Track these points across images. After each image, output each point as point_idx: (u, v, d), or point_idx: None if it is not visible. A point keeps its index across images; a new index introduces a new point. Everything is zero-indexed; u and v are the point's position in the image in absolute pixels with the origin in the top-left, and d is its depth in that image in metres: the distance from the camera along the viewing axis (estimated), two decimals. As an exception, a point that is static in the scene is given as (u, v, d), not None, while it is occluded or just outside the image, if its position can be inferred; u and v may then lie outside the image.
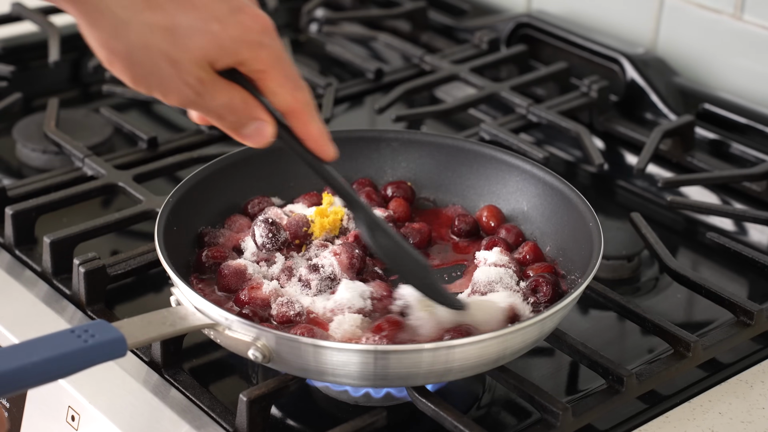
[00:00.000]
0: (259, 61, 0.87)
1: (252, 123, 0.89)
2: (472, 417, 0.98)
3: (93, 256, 1.08)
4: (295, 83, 0.89)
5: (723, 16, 1.45)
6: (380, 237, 0.96)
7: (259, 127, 0.89)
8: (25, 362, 0.81)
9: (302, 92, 0.90)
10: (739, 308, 1.08)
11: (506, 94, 1.44)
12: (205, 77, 0.85)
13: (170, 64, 0.83)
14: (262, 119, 0.89)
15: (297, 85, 0.89)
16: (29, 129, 1.39)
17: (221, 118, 0.88)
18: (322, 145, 0.92)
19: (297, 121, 0.91)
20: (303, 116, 0.90)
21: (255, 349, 0.90)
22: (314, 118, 0.91)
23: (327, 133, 0.92)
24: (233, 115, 0.88)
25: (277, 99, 0.89)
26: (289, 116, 0.90)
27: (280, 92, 0.89)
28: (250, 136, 0.90)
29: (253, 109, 0.89)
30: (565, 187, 1.08)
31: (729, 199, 1.32)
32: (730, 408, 1.01)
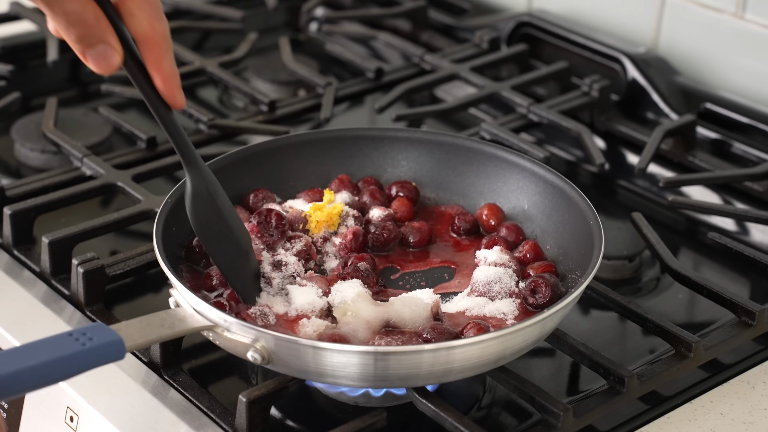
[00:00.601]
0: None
1: (99, 45, 0.86)
2: (472, 418, 0.98)
3: (92, 257, 1.08)
4: (155, 10, 0.87)
5: (724, 15, 1.45)
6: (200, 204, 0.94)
7: (105, 51, 0.86)
8: (24, 366, 0.81)
9: (161, 23, 0.88)
10: (741, 308, 1.08)
11: (507, 93, 1.44)
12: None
13: None
14: (111, 44, 0.86)
15: (157, 14, 0.87)
16: (28, 128, 1.39)
17: (69, 28, 0.85)
18: (171, 87, 0.89)
19: (150, 52, 0.88)
20: (157, 48, 0.88)
21: (254, 351, 0.90)
22: (169, 55, 0.88)
23: (178, 77, 0.89)
24: (82, 28, 0.85)
25: (134, 22, 0.87)
26: (143, 45, 0.88)
27: (138, 15, 0.87)
28: (95, 59, 0.86)
29: (104, 31, 0.86)
30: (566, 185, 1.08)
31: (731, 199, 1.32)
32: (732, 409, 1.01)
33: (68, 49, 1.54)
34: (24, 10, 1.59)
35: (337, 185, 1.15)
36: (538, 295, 1.00)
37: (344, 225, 1.10)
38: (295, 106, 1.44)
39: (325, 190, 1.13)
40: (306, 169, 1.16)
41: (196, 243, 1.04)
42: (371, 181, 1.16)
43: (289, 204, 1.12)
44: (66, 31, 0.86)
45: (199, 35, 1.69)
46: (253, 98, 1.44)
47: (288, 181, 1.15)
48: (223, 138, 1.37)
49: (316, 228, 1.08)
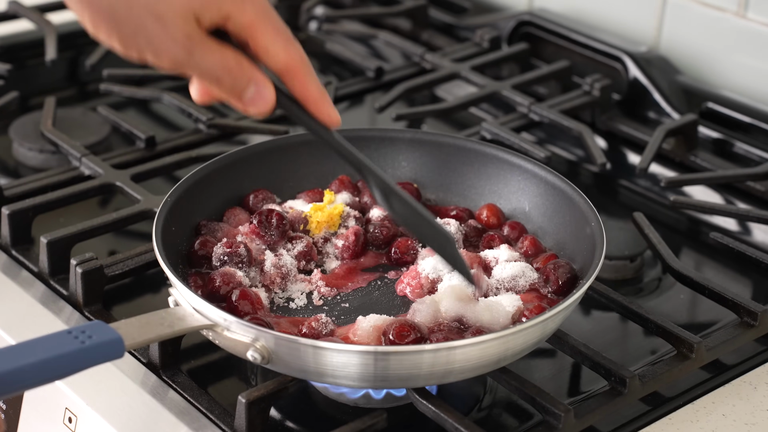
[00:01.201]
0: (244, 13, 0.85)
1: (250, 86, 0.86)
2: (473, 419, 0.98)
3: (90, 257, 1.08)
4: (286, 37, 0.87)
5: (726, 14, 1.45)
6: (395, 203, 0.93)
7: (259, 90, 0.87)
8: (22, 363, 0.81)
9: (296, 47, 0.87)
10: (743, 309, 1.08)
11: (508, 92, 1.44)
12: (193, 33, 0.83)
13: (155, 20, 0.82)
14: (260, 80, 0.87)
15: (289, 40, 0.87)
16: (26, 128, 1.39)
17: (218, 82, 0.86)
18: (323, 108, 0.90)
19: (294, 80, 0.88)
20: (300, 74, 0.88)
21: (254, 350, 0.90)
22: (313, 77, 0.88)
23: (327, 95, 0.90)
24: (229, 76, 0.85)
25: (270, 56, 0.87)
26: (286, 75, 0.88)
27: (272, 48, 0.86)
28: (252, 102, 0.87)
29: (249, 70, 0.86)
30: (567, 186, 1.08)
31: (732, 199, 1.32)
32: (734, 410, 1.01)
33: (67, 48, 1.56)
34: (22, 9, 1.59)
35: (338, 186, 1.15)
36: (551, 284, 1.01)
37: (345, 225, 1.10)
38: (295, 106, 1.44)
39: (326, 190, 1.13)
40: (305, 169, 1.16)
41: (198, 247, 1.04)
42: None
43: (289, 204, 1.12)
44: (217, 86, 0.86)
45: (198, 34, 1.69)
46: (253, 98, 1.44)
47: (287, 181, 1.15)
48: (223, 137, 1.38)
49: (316, 229, 1.09)
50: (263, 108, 0.88)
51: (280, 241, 1.06)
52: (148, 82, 1.50)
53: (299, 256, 1.05)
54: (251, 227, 1.06)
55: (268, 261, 1.04)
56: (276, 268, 1.03)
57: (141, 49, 0.83)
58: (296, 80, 0.88)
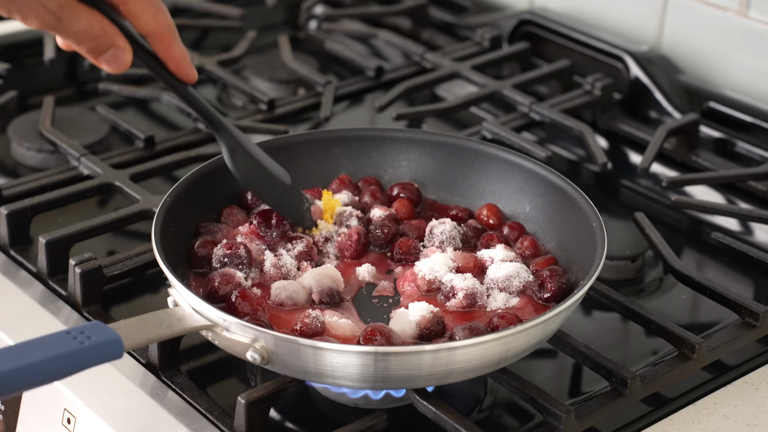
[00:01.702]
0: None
1: (110, 49, 0.93)
2: (473, 420, 0.99)
3: (89, 257, 1.08)
4: (156, 7, 0.95)
5: (728, 13, 1.46)
6: (240, 159, 1.03)
7: (116, 53, 0.94)
8: (21, 364, 0.81)
9: (164, 15, 0.95)
10: (745, 309, 1.08)
11: (508, 92, 1.44)
12: (65, 2, 0.89)
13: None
14: (120, 46, 0.94)
15: (158, 9, 0.95)
16: (24, 127, 1.39)
17: (80, 43, 0.92)
18: (184, 67, 0.98)
19: (160, 43, 0.96)
20: (165, 39, 0.96)
21: (253, 351, 0.90)
22: (177, 41, 0.97)
23: (188, 56, 0.98)
24: (92, 41, 0.92)
25: (140, 23, 0.95)
26: (152, 39, 0.96)
27: (142, 16, 0.94)
28: (108, 62, 0.94)
29: (111, 36, 0.93)
30: (568, 186, 1.08)
31: (734, 199, 1.32)
32: (736, 410, 1.01)
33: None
34: (20, 8, 1.59)
35: (338, 185, 1.15)
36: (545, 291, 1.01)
37: (347, 225, 1.10)
38: (295, 105, 1.45)
39: (324, 190, 1.13)
40: (305, 169, 1.16)
41: (198, 247, 1.04)
42: (372, 181, 1.16)
43: None
44: (77, 46, 0.93)
45: (197, 33, 1.69)
46: (252, 97, 1.44)
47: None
48: (222, 137, 1.37)
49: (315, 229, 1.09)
50: (118, 69, 0.95)
51: (280, 242, 1.06)
52: (147, 82, 1.50)
53: (299, 256, 1.05)
54: (251, 228, 1.06)
55: (267, 261, 1.04)
56: (276, 269, 1.03)
57: (10, 9, 0.89)
58: (162, 44, 0.96)
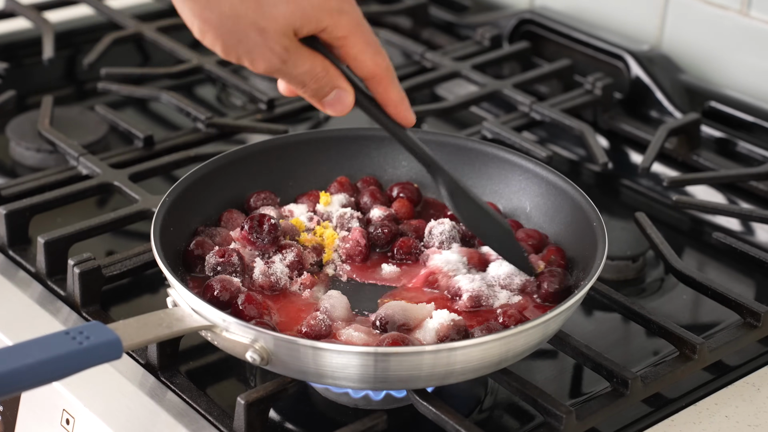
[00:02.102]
0: (339, 27, 0.92)
1: (333, 92, 0.95)
2: (473, 420, 0.99)
3: (88, 257, 1.08)
4: (375, 49, 0.94)
5: (729, 12, 1.46)
6: (461, 201, 1.01)
7: (339, 95, 0.95)
8: (19, 364, 0.81)
9: (382, 57, 0.95)
10: (746, 310, 1.08)
11: (509, 91, 1.44)
12: (290, 45, 0.91)
13: (258, 33, 0.89)
14: (343, 87, 0.95)
15: (377, 51, 0.95)
16: (23, 127, 1.39)
17: (304, 86, 0.94)
18: (402, 111, 0.98)
19: (378, 86, 0.96)
20: (384, 81, 0.96)
21: (253, 351, 0.90)
22: (395, 84, 0.97)
23: (406, 99, 0.98)
24: (315, 82, 0.93)
25: (358, 65, 0.94)
26: (370, 82, 0.96)
27: (361, 58, 0.94)
28: (331, 104, 0.95)
29: (334, 78, 0.94)
30: (569, 186, 1.08)
31: (735, 199, 1.32)
32: (737, 411, 1.01)
33: (64, 46, 1.56)
34: (19, 8, 1.59)
35: (336, 187, 1.14)
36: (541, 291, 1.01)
37: (347, 228, 1.09)
38: (294, 105, 1.44)
39: (321, 192, 1.13)
40: (305, 169, 1.16)
41: (193, 247, 1.04)
42: (370, 181, 1.16)
43: (289, 208, 1.12)
44: (302, 89, 0.94)
45: (196, 33, 1.69)
46: (252, 96, 1.44)
47: (287, 181, 1.15)
48: (221, 137, 1.38)
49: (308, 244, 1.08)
50: (340, 111, 0.96)
51: (271, 248, 1.06)
52: (146, 81, 1.50)
53: (291, 266, 1.04)
54: (242, 233, 1.05)
55: (257, 269, 1.03)
56: (265, 276, 1.02)
57: (240, 55, 0.91)
58: (380, 86, 0.96)
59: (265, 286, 1.01)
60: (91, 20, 1.64)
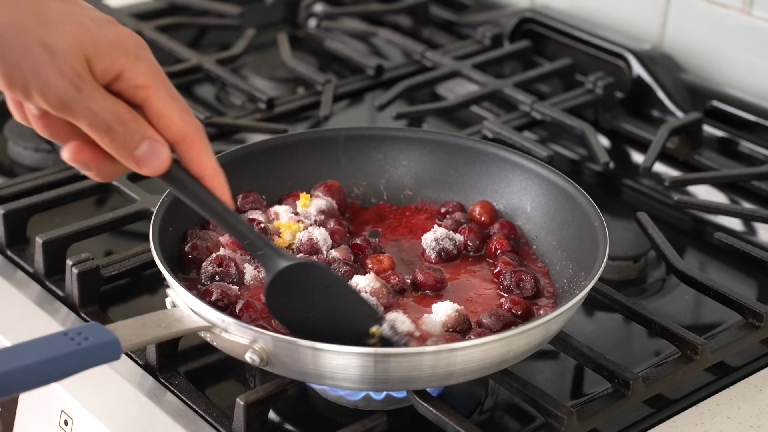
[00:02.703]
0: (139, 74, 0.81)
1: (144, 143, 0.82)
2: (474, 421, 0.98)
3: (86, 257, 1.08)
4: (182, 105, 0.83)
5: (731, 11, 1.46)
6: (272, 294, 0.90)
7: (154, 148, 0.82)
8: (17, 365, 0.81)
9: (191, 116, 0.83)
10: (748, 310, 1.08)
11: (509, 90, 1.44)
12: (83, 73, 0.79)
13: (44, 49, 0.78)
14: (155, 139, 0.82)
15: (184, 108, 0.83)
16: (21, 127, 1.39)
17: (109, 131, 0.80)
18: (220, 185, 0.86)
19: (190, 150, 0.84)
20: (197, 144, 0.84)
21: (252, 352, 0.90)
22: (209, 149, 0.84)
23: (222, 172, 0.86)
24: (122, 126, 0.80)
25: (164, 123, 0.82)
26: (181, 144, 0.83)
27: (166, 113, 0.82)
28: (145, 159, 0.82)
29: (143, 125, 0.82)
30: (570, 186, 1.08)
31: (737, 199, 1.32)
32: (739, 412, 1.01)
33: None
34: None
35: (324, 190, 1.13)
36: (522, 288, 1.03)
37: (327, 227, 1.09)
38: (294, 104, 1.45)
39: (302, 193, 1.12)
40: (304, 168, 1.16)
41: (189, 249, 1.03)
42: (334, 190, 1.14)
43: (274, 210, 1.11)
44: (107, 137, 0.81)
45: (195, 31, 1.69)
46: (251, 96, 1.44)
47: (286, 180, 1.15)
48: (221, 136, 1.38)
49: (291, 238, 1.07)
50: (158, 167, 0.83)
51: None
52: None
53: None
54: (231, 238, 1.04)
55: (248, 274, 1.02)
56: (257, 281, 1.02)
57: (26, 80, 0.78)
58: (192, 151, 0.84)
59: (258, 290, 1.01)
60: (90, 19, 1.64)
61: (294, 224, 1.07)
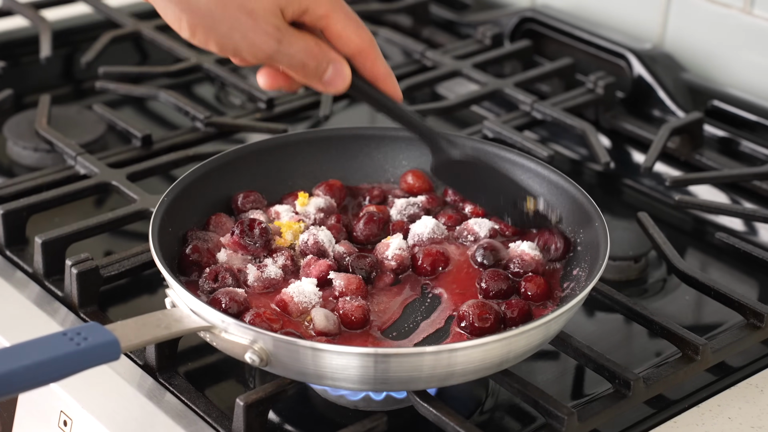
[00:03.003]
0: (320, 5, 0.94)
1: (330, 66, 0.96)
2: (474, 422, 0.99)
3: (86, 257, 1.08)
4: (357, 23, 0.96)
5: (732, 11, 1.46)
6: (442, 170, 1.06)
7: (337, 69, 0.96)
8: (17, 366, 0.81)
9: (366, 31, 0.97)
10: (749, 310, 1.08)
11: (510, 90, 1.44)
12: (281, 25, 0.93)
13: (248, 15, 0.92)
14: (338, 60, 0.96)
15: (360, 25, 0.97)
16: (20, 126, 1.39)
17: (303, 66, 0.95)
18: (391, 84, 0.99)
19: (366, 60, 0.97)
20: (371, 55, 0.97)
21: (252, 353, 0.90)
22: (381, 58, 0.98)
23: (393, 74, 0.99)
24: (313, 59, 0.95)
25: (343, 42, 0.96)
26: (357, 58, 0.97)
27: (345, 34, 0.96)
28: (331, 81, 0.96)
29: (328, 52, 0.96)
30: (571, 185, 1.08)
31: (738, 199, 1.32)
32: (740, 413, 1.01)
33: (62, 45, 1.56)
34: (17, 6, 1.59)
35: (325, 189, 1.13)
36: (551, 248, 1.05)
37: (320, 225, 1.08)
38: (294, 104, 1.45)
39: (300, 192, 1.11)
40: (305, 168, 1.16)
41: (190, 251, 1.03)
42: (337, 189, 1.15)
43: (275, 209, 1.10)
44: (301, 71, 0.96)
45: (195, 31, 1.69)
46: (251, 95, 1.44)
47: (286, 180, 1.15)
48: (220, 136, 1.38)
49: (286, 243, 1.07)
50: (341, 86, 0.97)
51: (262, 251, 1.04)
52: (144, 80, 1.50)
53: (284, 269, 1.03)
54: (233, 239, 1.04)
55: (251, 275, 1.01)
56: (260, 282, 1.01)
57: (237, 44, 0.93)
58: (368, 60, 0.98)
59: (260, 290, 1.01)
60: (89, 18, 1.64)
61: (295, 224, 1.07)
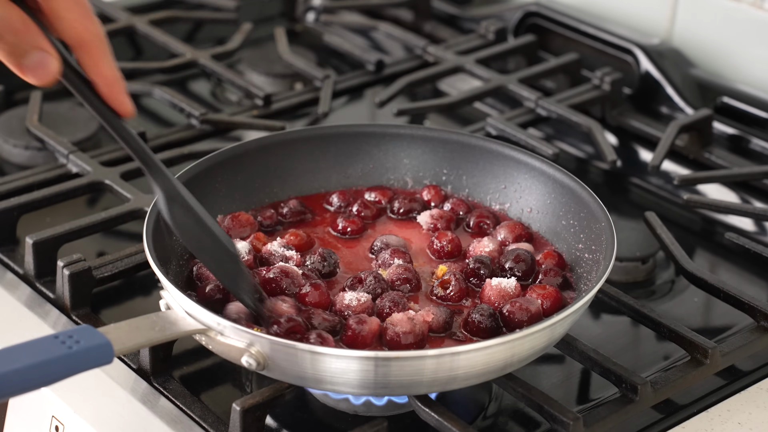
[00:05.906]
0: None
1: (34, 52, 0.82)
2: (477, 427, 0.99)
3: (78, 258, 1.08)
4: (85, 11, 0.83)
5: (742, 5, 1.46)
6: (177, 211, 0.91)
7: (42, 59, 0.82)
8: (7, 369, 0.81)
9: (93, 23, 0.83)
10: (760, 313, 1.08)
11: (514, 86, 1.44)
12: None
13: None
14: (46, 49, 0.82)
15: (87, 14, 0.83)
16: (11, 123, 1.39)
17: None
18: (116, 93, 0.86)
19: (88, 56, 0.84)
20: (94, 51, 0.84)
21: (249, 356, 0.90)
22: (108, 58, 0.84)
23: (123, 82, 0.86)
24: (12, 35, 0.81)
25: (63, 27, 0.83)
26: (79, 50, 0.84)
27: (67, 17, 0.83)
28: (32, 69, 0.82)
29: (35, 35, 0.82)
30: (576, 184, 1.08)
31: (749, 198, 1.32)
32: (750, 418, 1.01)
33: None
34: (7, 0, 1.59)
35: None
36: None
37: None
38: (292, 101, 1.45)
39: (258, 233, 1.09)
40: (303, 167, 1.16)
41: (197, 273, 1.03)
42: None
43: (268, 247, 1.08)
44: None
45: (191, 26, 1.69)
46: (248, 92, 1.44)
47: (284, 179, 1.15)
48: (216, 133, 1.38)
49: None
50: (44, 78, 0.83)
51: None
52: (138, 76, 1.50)
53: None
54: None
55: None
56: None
57: None
58: (90, 57, 0.84)
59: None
60: (82, 13, 1.64)
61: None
